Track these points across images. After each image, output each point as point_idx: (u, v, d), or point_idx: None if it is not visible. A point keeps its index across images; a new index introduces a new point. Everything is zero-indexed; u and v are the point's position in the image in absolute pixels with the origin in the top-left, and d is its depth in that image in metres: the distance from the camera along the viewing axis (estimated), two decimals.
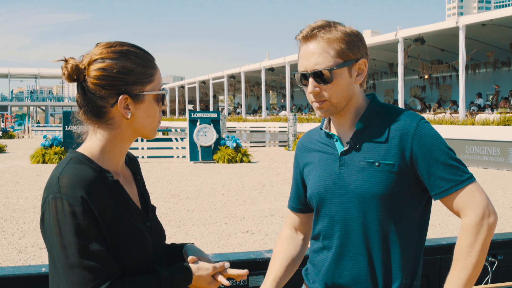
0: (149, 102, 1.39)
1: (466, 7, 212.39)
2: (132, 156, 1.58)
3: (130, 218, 1.37)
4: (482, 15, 20.26)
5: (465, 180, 1.51)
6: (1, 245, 6.28)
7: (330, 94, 1.57)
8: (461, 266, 1.47)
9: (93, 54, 1.37)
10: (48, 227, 1.28)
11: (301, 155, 1.78)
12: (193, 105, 35.63)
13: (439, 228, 7.22)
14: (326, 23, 1.58)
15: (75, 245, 1.24)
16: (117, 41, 1.40)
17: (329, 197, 1.63)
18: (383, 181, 1.54)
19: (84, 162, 1.35)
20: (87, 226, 1.26)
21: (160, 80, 1.43)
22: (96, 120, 1.38)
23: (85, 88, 1.36)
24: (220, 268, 1.45)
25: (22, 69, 62.33)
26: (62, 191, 1.26)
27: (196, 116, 18.02)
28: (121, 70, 1.35)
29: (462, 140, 16.58)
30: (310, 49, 1.57)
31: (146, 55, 1.41)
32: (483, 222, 1.47)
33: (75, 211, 1.25)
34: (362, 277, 1.58)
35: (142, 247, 1.38)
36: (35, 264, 2.18)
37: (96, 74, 1.34)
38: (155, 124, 1.43)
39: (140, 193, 1.50)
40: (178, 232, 6.97)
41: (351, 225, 1.59)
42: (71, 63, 1.36)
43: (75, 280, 1.24)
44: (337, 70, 1.55)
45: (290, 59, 30.96)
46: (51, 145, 17.03)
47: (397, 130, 1.56)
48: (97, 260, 1.25)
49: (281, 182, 12.25)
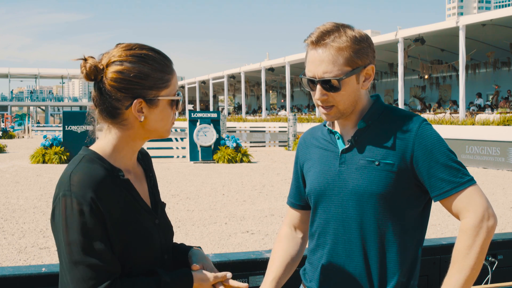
0: (163, 106, 1.41)
1: (466, 7, 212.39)
2: (145, 152, 1.60)
3: (138, 217, 1.40)
4: (482, 15, 20.27)
5: (465, 182, 1.51)
6: (1, 245, 6.28)
7: (338, 101, 1.57)
8: (458, 268, 1.47)
9: (112, 55, 1.38)
10: (57, 223, 1.32)
11: (302, 151, 1.78)
12: (193, 105, 35.64)
13: (439, 228, 7.22)
14: (335, 27, 1.56)
15: (79, 242, 1.28)
16: (137, 43, 1.42)
17: (328, 194, 1.63)
18: (382, 180, 1.54)
19: (96, 160, 1.37)
20: (93, 225, 1.29)
21: (176, 85, 1.45)
22: (111, 120, 1.40)
23: (101, 88, 1.38)
24: (222, 278, 1.45)
25: (22, 69, 62.37)
26: (72, 189, 1.30)
27: (196, 116, 18.02)
28: (138, 75, 1.37)
29: (462, 140, 16.58)
30: (319, 55, 1.55)
31: (164, 60, 1.42)
32: (482, 224, 1.47)
33: (83, 209, 1.28)
34: (358, 275, 1.58)
35: (149, 245, 1.40)
36: (35, 264, 2.18)
37: (113, 77, 1.36)
38: (168, 126, 1.45)
39: (150, 190, 1.51)
40: (178, 232, 6.97)
41: (348, 223, 1.59)
42: (89, 63, 1.37)
43: (78, 276, 1.28)
44: (346, 79, 1.55)
45: (290, 59, 30.98)
46: (51, 145, 17.02)
47: (399, 131, 1.57)
48: (100, 259, 1.28)
49: (281, 182, 12.25)
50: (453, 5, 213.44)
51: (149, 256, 1.40)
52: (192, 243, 6.37)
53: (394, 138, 1.56)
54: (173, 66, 1.45)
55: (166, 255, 1.48)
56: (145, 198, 1.47)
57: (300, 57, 29.77)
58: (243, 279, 2.37)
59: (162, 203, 1.56)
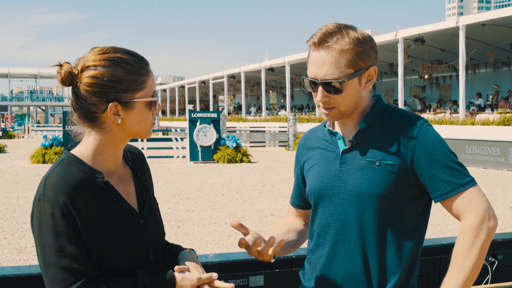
0: (140, 108, 1.43)
1: (466, 7, 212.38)
2: (138, 152, 1.62)
3: (117, 218, 1.41)
4: (482, 15, 20.25)
5: (466, 183, 1.52)
6: (1, 245, 6.28)
7: (339, 103, 1.58)
8: (458, 268, 1.47)
9: (87, 60, 1.41)
10: (34, 226, 1.37)
11: (303, 151, 1.79)
12: (193, 105, 35.63)
13: (439, 228, 7.22)
14: (338, 28, 1.55)
15: (52, 245, 1.32)
16: (112, 46, 1.44)
17: (328, 194, 1.63)
18: (382, 180, 1.55)
19: (74, 164, 1.41)
20: (65, 228, 1.33)
21: (152, 86, 1.46)
22: (89, 123, 1.43)
23: (77, 93, 1.41)
24: (207, 280, 1.42)
25: (22, 69, 62.30)
26: (46, 193, 1.35)
27: (196, 116, 18.02)
28: (112, 78, 1.39)
29: (462, 140, 16.58)
30: (322, 57, 1.55)
31: (139, 62, 1.44)
32: (483, 225, 1.48)
33: (54, 213, 1.33)
34: (356, 275, 1.59)
35: (129, 245, 1.42)
36: (35, 264, 2.18)
37: (87, 81, 1.39)
38: (147, 127, 1.46)
39: (138, 190, 1.52)
40: (178, 232, 6.97)
41: (348, 223, 1.59)
42: (64, 69, 1.41)
43: (51, 278, 1.33)
44: (348, 81, 1.54)
45: (290, 59, 30.96)
46: (51, 145, 17.03)
47: (400, 132, 1.57)
48: (72, 261, 1.32)
49: (281, 182, 12.25)
50: (453, 5, 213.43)
51: (131, 256, 1.42)
52: (192, 243, 6.37)
53: (395, 139, 1.56)
54: (149, 68, 1.46)
55: (152, 255, 1.48)
56: (129, 199, 1.48)
57: (300, 57, 29.77)
58: (243, 279, 2.37)
59: (153, 203, 1.56)
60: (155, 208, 1.57)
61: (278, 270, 2.43)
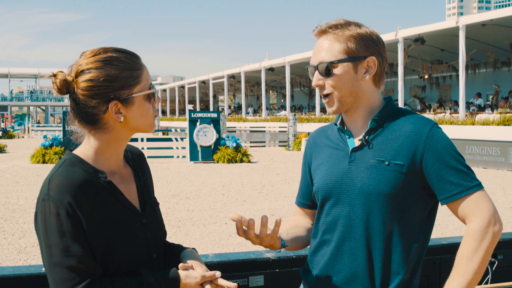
0: (140, 102, 1.44)
1: (466, 7, 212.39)
2: (138, 152, 1.63)
3: (121, 217, 1.42)
4: (482, 15, 20.25)
5: (474, 187, 1.53)
6: (1, 245, 6.28)
7: (333, 87, 1.61)
8: (462, 271, 1.47)
9: (79, 65, 1.42)
10: (38, 226, 1.37)
11: (311, 149, 1.80)
12: (193, 105, 35.65)
13: (439, 228, 7.23)
14: (344, 21, 1.63)
15: (58, 245, 1.33)
16: (101, 47, 1.45)
17: (336, 192, 1.64)
18: (391, 180, 1.55)
19: (77, 164, 1.41)
20: (70, 228, 1.33)
21: (148, 78, 1.47)
22: (92, 126, 1.44)
23: (76, 99, 1.42)
24: (210, 278, 1.44)
25: (22, 69, 62.28)
26: (50, 194, 1.35)
27: (196, 116, 18.02)
28: (107, 78, 1.40)
29: (462, 140, 16.58)
30: (319, 44, 1.63)
31: (130, 57, 1.45)
32: (489, 229, 1.48)
33: (59, 213, 1.33)
34: (360, 274, 1.59)
35: (133, 244, 1.42)
36: (35, 264, 2.18)
37: (83, 86, 1.40)
38: (150, 121, 1.48)
39: (139, 190, 1.53)
40: (178, 232, 6.97)
41: (354, 222, 1.60)
42: (59, 78, 1.42)
43: (57, 278, 1.33)
44: (337, 64, 1.59)
45: (290, 59, 30.95)
46: (51, 145, 17.03)
47: (410, 133, 1.58)
48: (77, 261, 1.33)
49: (281, 182, 12.25)
50: (453, 5, 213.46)
51: (134, 255, 1.43)
52: (192, 243, 6.37)
53: (405, 140, 1.57)
54: (141, 62, 1.47)
55: (155, 254, 1.49)
56: (131, 198, 1.49)
57: (300, 57, 29.75)
58: (243, 279, 2.37)
59: (154, 203, 1.57)
60: (157, 208, 1.58)
61: (278, 270, 2.42)
